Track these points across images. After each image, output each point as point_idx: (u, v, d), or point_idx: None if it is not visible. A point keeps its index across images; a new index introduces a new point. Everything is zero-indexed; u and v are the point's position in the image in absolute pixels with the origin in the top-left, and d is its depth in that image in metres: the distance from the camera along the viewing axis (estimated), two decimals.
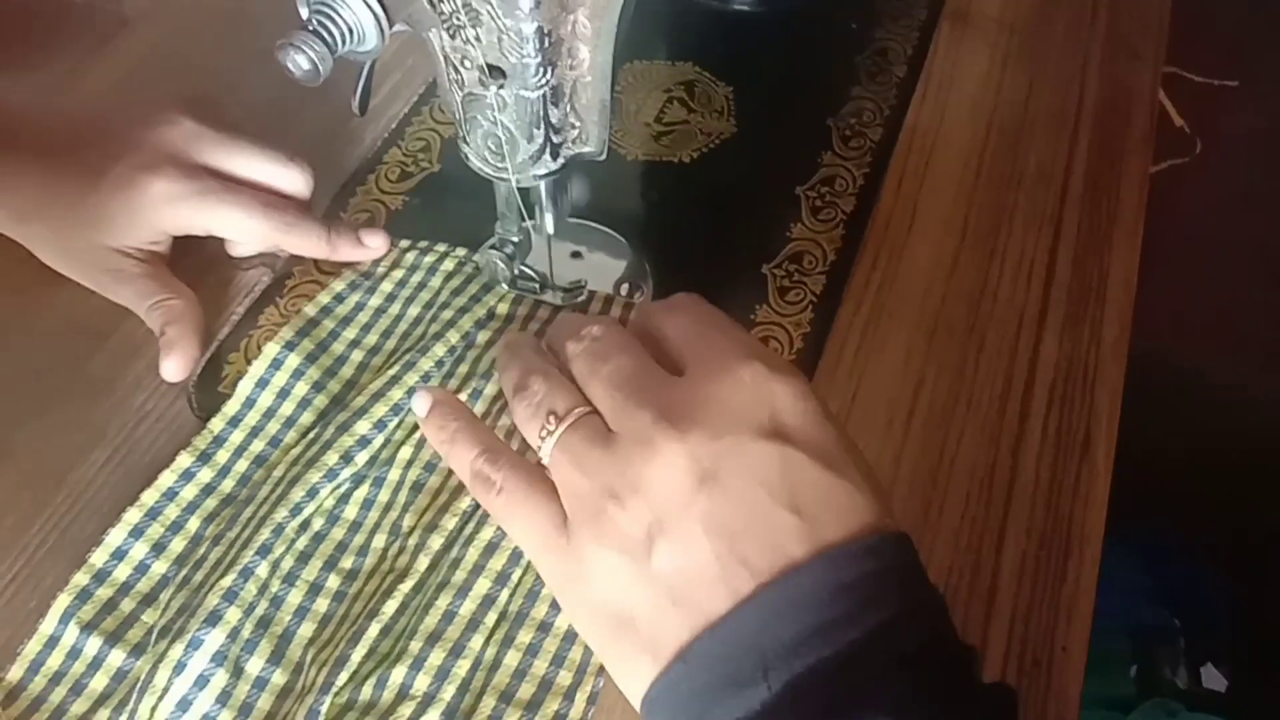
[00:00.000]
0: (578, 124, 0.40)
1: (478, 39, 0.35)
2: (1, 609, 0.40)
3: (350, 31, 0.35)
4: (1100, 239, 0.51)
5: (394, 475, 0.43)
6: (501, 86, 0.36)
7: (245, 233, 0.48)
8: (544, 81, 0.37)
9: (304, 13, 0.35)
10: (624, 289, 0.49)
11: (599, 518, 0.32)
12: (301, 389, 0.45)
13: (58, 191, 0.47)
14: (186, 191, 0.46)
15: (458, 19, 0.35)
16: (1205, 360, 0.95)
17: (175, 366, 0.46)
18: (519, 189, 0.42)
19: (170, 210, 0.47)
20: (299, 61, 0.34)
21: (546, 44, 0.35)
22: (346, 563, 0.42)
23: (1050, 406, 0.46)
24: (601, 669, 0.39)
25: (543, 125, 0.38)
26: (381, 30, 0.35)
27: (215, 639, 0.38)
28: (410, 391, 0.44)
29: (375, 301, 0.49)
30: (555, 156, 0.40)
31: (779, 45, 0.60)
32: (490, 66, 0.36)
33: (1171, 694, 0.66)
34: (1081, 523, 0.43)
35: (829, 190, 0.52)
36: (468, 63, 0.37)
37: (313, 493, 0.42)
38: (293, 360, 0.45)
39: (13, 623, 0.40)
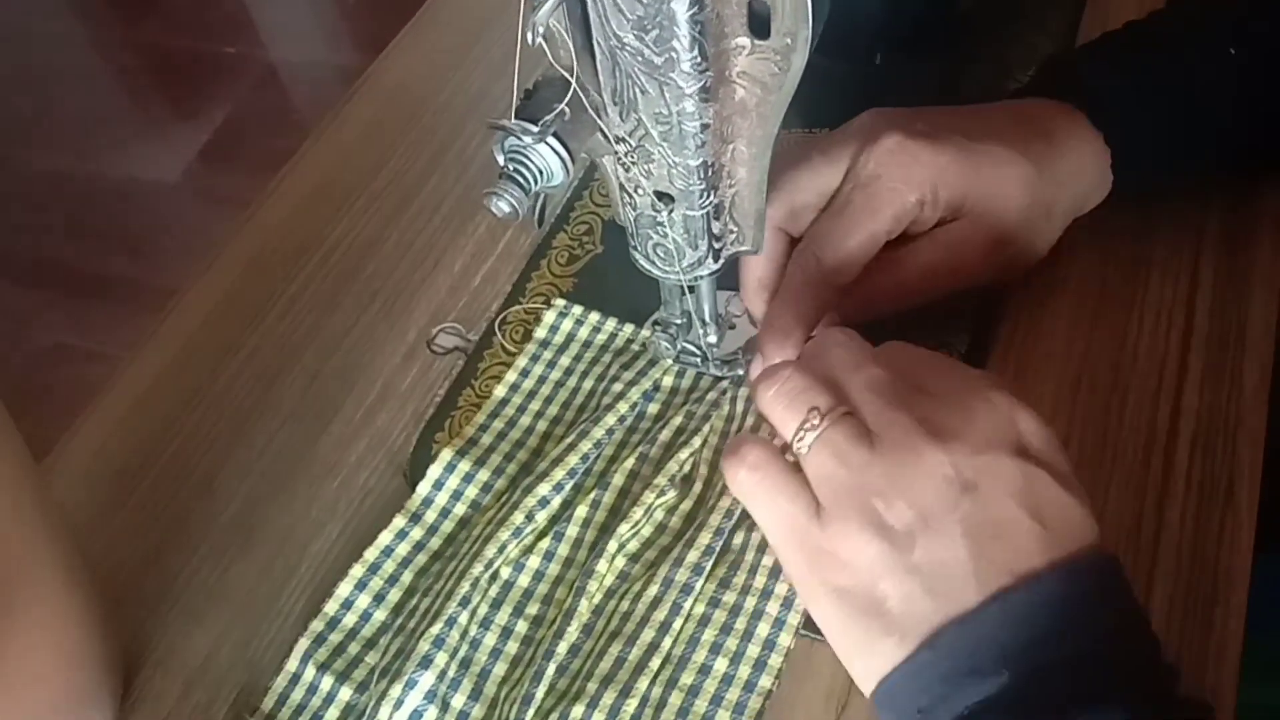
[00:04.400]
0: (735, 229, 0.44)
1: (649, 173, 0.40)
2: (265, 666, 0.48)
3: (541, 173, 0.41)
4: (1238, 286, 0.52)
5: (572, 532, 0.49)
6: (671, 210, 0.41)
7: None
8: (708, 202, 0.41)
9: (500, 160, 0.41)
10: None
11: (864, 510, 0.36)
12: (495, 460, 0.51)
13: None
14: None
15: (631, 157, 0.40)
16: None
17: None
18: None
19: None
20: (501, 206, 0.40)
21: (710, 172, 0.40)
22: (532, 609, 0.47)
23: (1193, 456, 0.48)
24: (760, 713, 0.44)
25: (706, 236, 0.43)
26: (567, 169, 0.41)
27: (427, 680, 0.45)
28: (584, 457, 0.50)
29: (555, 375, 0.54)
30: (716, 259, 0.45)
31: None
32: (660, 194, 0.41)
33: None
34: (1227, 569, 0.45)
35: None
36: (640, 190, 0.42)
37: (502, 549, 0.48)
38: (477, 451, 0.52)
39: (273, 678, 0.47)
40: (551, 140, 0.39)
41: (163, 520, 0.53)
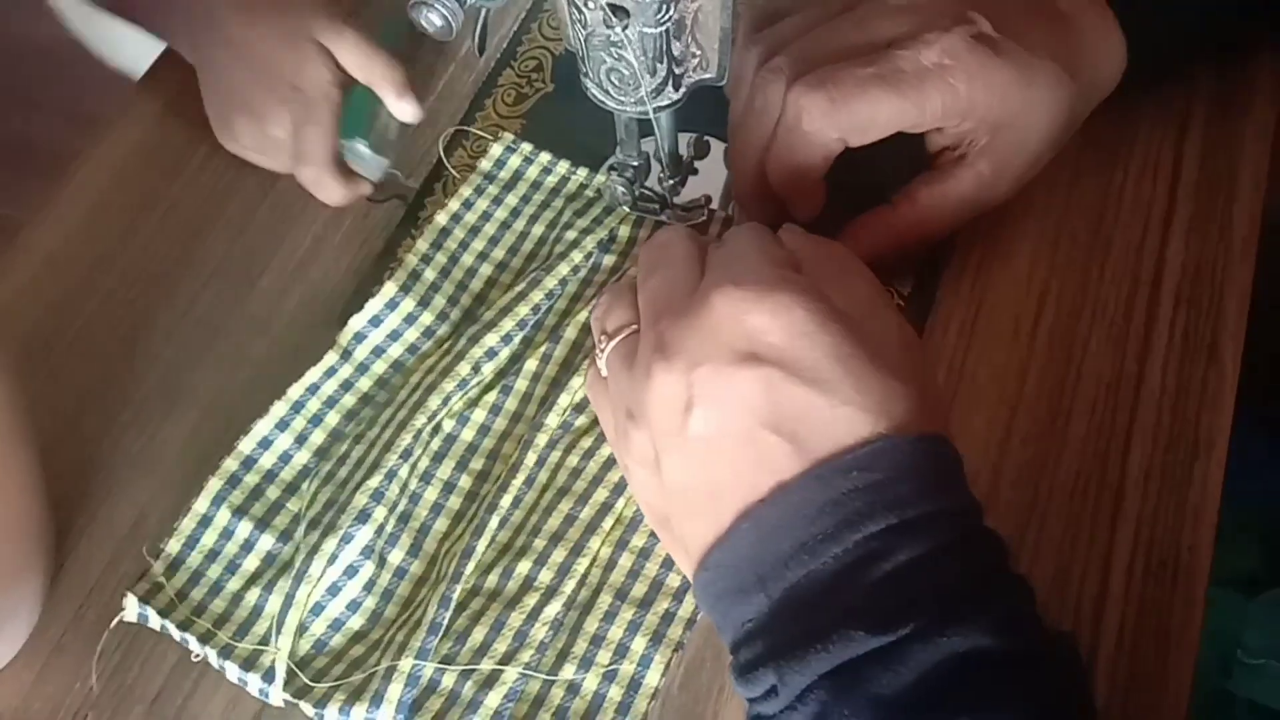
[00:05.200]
0: (699, 53, 0.40)
1: None
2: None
3: None
4: (1230, 135, 0.49)
5: (521, 385, 0.46)
6: (626, 26, 0.37)
7: None
8: (666, 17, 0.37)
9: None
10: (732, 208, 0.50)
11: (625, 436, 0.36)
12: (439, 302, 0.48)
13: None
14: None
15: None
16: None
17: None
18: (639, 117, 0.43)
19: None
20: (432, 19, 0.35)
21: None
22: (477, 464, 0.45)
23: (1177, 311, 0.46)
24: None
25: (665, 59, 0.39)
26: None
27: (364, 534, 0.42)
28: (535, 308, 0.46)
29: (501, 214, 0.50)
30: (677, 88, 0.41)
31: None
32: (614, 6, 0.37)
33: None
34: (1208, 427, 0.43)
35: None
36: (590, 4, 0.37)
37: (446, 400, 0.45)
38: (420, 287, 0.48)
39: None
40: None
41: (81, 387, 0.49)
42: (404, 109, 0.49)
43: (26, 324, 0.51)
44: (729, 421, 0.32)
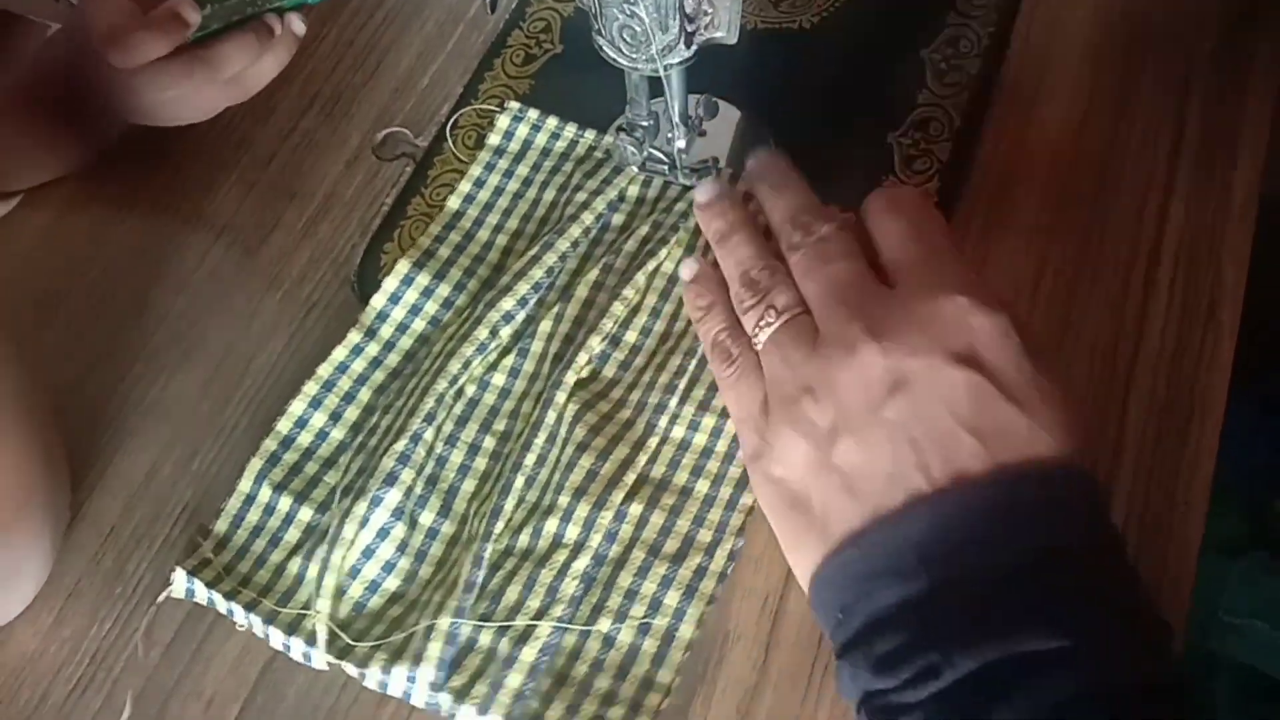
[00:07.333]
0: (710, 11, 0.40)
1: None
2: (210, 483, 0.46)
3: None
4: (1231, 102, 0.50)
5: (536, 347, 0.46)
6: None
7: None
8: None
9: None
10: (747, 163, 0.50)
11: (793, 406, 0.36)
12: (455, 274, 0.48)
13: None
14: None
15: None
16: None
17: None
18: (649, 76, 0.43)
19: None
20: None
21: None
22: (500, 425, 0.46)
23: (1176, 273, 0.46)
24: (741, 529, 0.42)
25: (678, 16, 0.39)
26: None
27: (393, 497, 0.43)
28: (549, 270, 0.47)
29: (513, 186, 0.51)
30: (689, 45, 0.41)
31: None
32: None
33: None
34: (1205, 388, 0.44)
35: (953, 52, 0.52)
36: None
37: (466, 364, 0.46)
38: (435, 264, 0.48)
39: (221, 496, 0.45)
40: None
41: (94, 338, 0.50)
42: None
43: (40, 278, 0.51)
44: (933, 411, 0.33)
